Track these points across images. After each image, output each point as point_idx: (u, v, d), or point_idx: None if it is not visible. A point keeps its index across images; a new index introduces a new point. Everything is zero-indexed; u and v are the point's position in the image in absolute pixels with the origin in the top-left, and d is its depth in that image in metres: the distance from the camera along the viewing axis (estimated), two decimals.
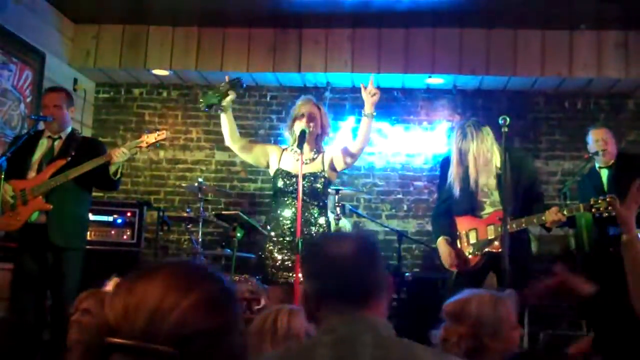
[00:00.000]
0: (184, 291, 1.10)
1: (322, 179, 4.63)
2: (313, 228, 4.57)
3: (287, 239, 4.53)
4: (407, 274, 6.61)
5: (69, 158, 4.93)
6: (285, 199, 4.61)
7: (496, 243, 4.58)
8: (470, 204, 4.77)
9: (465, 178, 4.72)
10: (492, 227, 4.64)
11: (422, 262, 7.57)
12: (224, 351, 1.12)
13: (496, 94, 7.65)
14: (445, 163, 5.03)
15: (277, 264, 4.54)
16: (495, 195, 4.71)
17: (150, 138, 4.99)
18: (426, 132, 7.75)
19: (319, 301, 1.81)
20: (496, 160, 4.71)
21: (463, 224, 4.81)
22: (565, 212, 4.47)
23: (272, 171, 4.74)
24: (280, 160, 4.73)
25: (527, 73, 7.20)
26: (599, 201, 4.35)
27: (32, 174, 4.95)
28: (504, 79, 7.33)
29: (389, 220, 7.55)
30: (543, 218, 4.49)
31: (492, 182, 4.72)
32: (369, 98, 4.51)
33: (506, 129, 4.41)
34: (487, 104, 7.55)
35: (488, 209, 4.74)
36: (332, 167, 4.70)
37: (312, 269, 1.90)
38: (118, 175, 4.92)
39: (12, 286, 4.92)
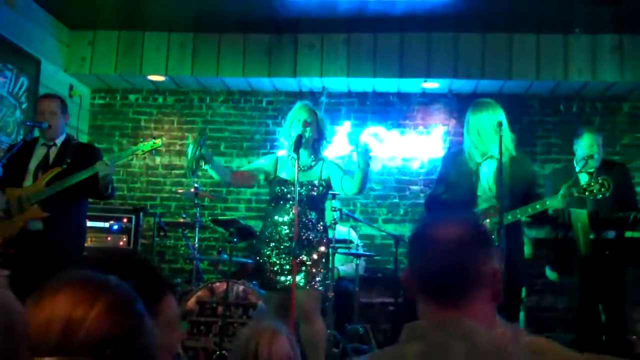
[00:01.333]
0: (90, 302, 1.16)
1: (320, 187, 4.63)
2: (311, 234, 4.57)
3: (285, 244, 4.52)
4: None
5: (65, 165, 4.92)
6: (283, 205, 4.60)
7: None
8: (469, 197, 4.74)
9: (465, 169, 4.72)
10: (487, 221, 4.63)
11: None
12: (138, 351, 1.18)
13: (491, 98, 7.59)
14: (448, 158, 5.04)
15: (275, 268, 4.53)
16: (492, 190, 4.68)
17: (146, 146, 4.99)
18: (422, 136, 7.77)
19: (416, 289, 1.67)
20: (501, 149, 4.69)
21: None
22: (574, 192, 4.44)
23: (269, 168, 4.74)
24: (276, 167, 4.72)
25: (522, 77, 7.21)
26: (592, 184, 4.37)
27: (27, 181, 4.94)
28: (499, 82, 7.35)
29: (386, 225, 7.55)
30: (548, 203, 4.47)
31: (491, 175, 4.70)
32: (362, 156, 4.42)
33: (501, 133, 4.42)
34: None
35: (482, 205, 4.73)
36: (329, 183, 4.69)
37: (411, 251, 1.73)
38: (108, 192, 4.88)
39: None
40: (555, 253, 5.66)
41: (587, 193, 4.41)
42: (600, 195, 4.35)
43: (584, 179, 5.38)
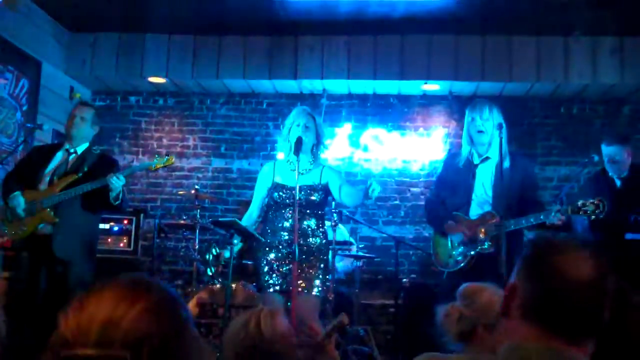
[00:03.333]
0: (132, 301, 1.18)
1: (319, 191, 4.62)
2: (311, 239, 4.57)
3: (284, 250, 4.52)
4: (404, 280, 6.62)
5: (80, 174, 4.92)
6: (282, 211, 4.59)
7: (488, 244, 4.55)
8: (464, 199, 4.73)
9: (463, 171, 4.72)
10: (483, 227, 4.62)
11: (419, 267, 7.56)
12: (178, 354, 1.19)
13: (492, 100, 7.58)
14: (448, 159, 5.04)
15: (274, 272, 4.53)
16: (488, 194, 4.67)
17: (159, 163, 5.03)
18: (422, 138, 7.77)
19: (524, 312, 1.56)
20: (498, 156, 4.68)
21: (453, 222, 4.76)
22: (569, 211, 4.43)
23: (267, 186, 4.72)
24: (274, 173, 4.71)
25: (522, 79, 7.22)
26: (587, 204, 4.34)
27: (42, 185, 4.95)
28: (499, 85, 7.35)
29: (386, 227, 7.55)
30: (541, 217, 4.46)
31: (488, 178, 4.69)
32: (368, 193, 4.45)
33: (502, 135, 4.42)
34: None
35: (475, 208, 4.71)
36: (327, 189, 4.68)
37: (537, 276, 1.58)
38: (118, 201, 4.84)
39: (9, 295, 4.90)
40: None
41: (580, 212, 4.37)
42: (594, 217, 4.31)
43: (618, 183, 5.42)
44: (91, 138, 5.22)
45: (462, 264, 4.65)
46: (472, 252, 4.62)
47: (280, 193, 4.60)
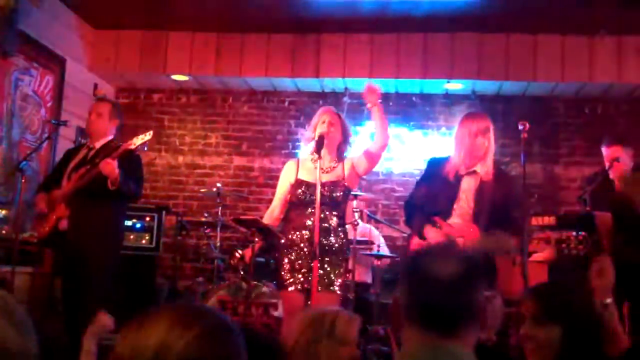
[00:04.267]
0: (187, 326, 1.20)
1: (342, 188, 4.61)
2: (332, 238, 4.56)
3: (305, 249, 4.51)
4: None
5: (89, 166, 4.94)
6: (304, 208, 4.58)
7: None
8: (445, 208, 4.67)
9: (448, 180, 4.68)
10: (461, 239, 4.52)
11: None
12: None
13: (515, 100, 7.61)
14: (434, 162, 4.94)
15: (294, 270, 4.53)
16: (470, 207, 4.60)
17: (137, 140, 4.98)
18: (445, 138, 7.72)
19: (406, 317, 1.75)
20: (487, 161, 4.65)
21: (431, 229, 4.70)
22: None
23: (290, 182, 4.71)
24: (297, 171, 4.71)
25: (546, 78, 7.16)
26: (570, 238, 4.25)
27: (64, 182, 5.00)
28: (523, 84, 7.30)
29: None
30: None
31: (471, 191, 4.62)
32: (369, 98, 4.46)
33: (525, 135, 4.39)
34: (506, 110, 7.50)
35: (456, 219, 4.63)
36: (355, 172, 4.67)
37: (407, 282, 1.79)
38: (114, 187, 4.75)
39: (31, 290, 4.96)
40: None
41: (564, 245, 4.30)
42: (576, 252, 4.25)
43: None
44: (114, 132, 5.23)
45: None
46: None
47: (304, 190, 4.59)
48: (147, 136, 4.97)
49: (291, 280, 4.53)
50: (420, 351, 1.67)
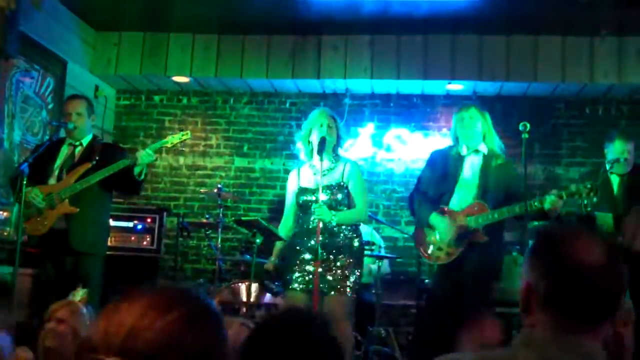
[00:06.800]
0: (163, 311, 1.14)
1: (344, 189, 4.62)
2: (337, 239, 4.56)
3: (312, 250, 4.51)
4: (426, 281, 6.58)
5: (94, 162, 4.97)
6: (309, 213, 4.59)
7: (478, 233, 4.59)
8: (449, 188, 4.78)
9: (450, 162, 4.80)
10: (471, 217, 4.63)
11: None
12: None
13: (516, 100, 7.61)
14: (436, 155, 5.05)
15: (301, 271, 4.54)
16: (474, 184, 4.72)
17: (175, 138, 5.06)
18: (446, 139, 7.71)
19: (543, 301, 1.58)
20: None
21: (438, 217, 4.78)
22: (563, 196, 4.49)
23: (295, 192, 4.74)
24: (299, 178, 4.73)
25: (547, 79, 7.16)
26: (581, 187, 4.45)
27: (52, 180, 5.00)
28: (524, 85, 7.30)
29: (408, 227, 7.51)
30: (535, 204, 4.48)
31: (477, 169, 4.75)
32: None
33: (526, 135, 4.40)
34: (507, 110, 7.49)
35: (459, 198, 4.75)
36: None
37: (549, 268, 1.60)
38: (142, 176, 4.93)
39: (33, 292, 4.95)
40: None
41: (576, 196, 4.44)
42: (587, 201, 4.37)
43: (614, 180, 5.37)
44: (91, 128, 5.30)
45: (454, 256, 4.65)
46: (464, 243, 4.63)
47: (306, 196, 4.61)
48: (187, 135, 5.09)
49: (297, 281, 4.54)
50: (549, 343, 1.54)
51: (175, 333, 1.12)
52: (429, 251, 4.82)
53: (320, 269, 4.37)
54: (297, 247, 4.61)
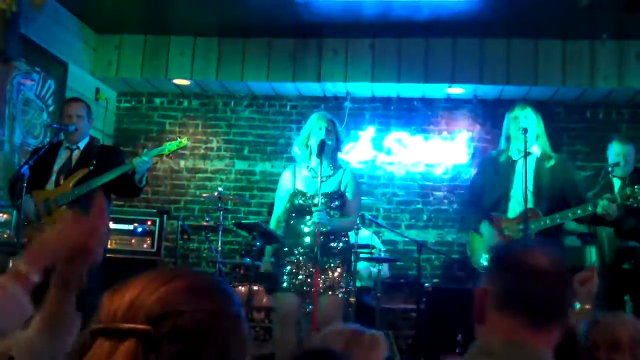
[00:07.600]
0: (166, 280, 1.15)
1: (341, 198, 4.62)
2: (333, 243, 4.57)
3: (306, 254, 4.52)
4: (426, 285, 6.58)
5: (92, 167, 4.95)
6: (304, 216, 4.59)
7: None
8: (502, 194, 4.74)
9: (501, 168, 4.74)
10: (519, 227, 4.59)
11: (442, 272, 7.54)
12: (210, 338, 1.12)
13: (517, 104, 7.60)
14: (484, 160, 5.05)
15: (296, 274, 4.54)
16: (529, 189, 4.63)
17: (172, 146, 5.03)
18: (446, 142, 7.73)
19: (497, 305, 1.71)
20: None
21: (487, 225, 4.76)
22: (618, 199, 4.46)
23: (289, 192, 4.72)
24: (295, 179, 4.71)
25: (548, 83, 7.16)
26: (636, 190, 4.36)
27: (50, 184, 4.97)
28: (524, 88, 7.29)
29: (409, 231, 7.53)
30: (589, 208, 4.45)
31: (531, 172, 4.66)
32: None
33: (527, 139, 4.40)
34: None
35: (514, 205, 4.70)
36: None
37: (503, 272, 1.77)
38: (143, 182, 4.92)
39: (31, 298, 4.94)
40: None
41: (631, 200, 4.40)
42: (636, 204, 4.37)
43: (616, 183, 5.38)
44: (89, 131, 5.28)
45: None
46: None
47: (302, 201, 4.60)
48: (184, 142, 5.07)
49: (292, 284, 4.54)
50: (502, 347, 1.67)
51: (176, 301, 1.12)
52: (475, 258, 4.81)
53: (312, 270, 4.39)
54: (287, 249, 4.62)
